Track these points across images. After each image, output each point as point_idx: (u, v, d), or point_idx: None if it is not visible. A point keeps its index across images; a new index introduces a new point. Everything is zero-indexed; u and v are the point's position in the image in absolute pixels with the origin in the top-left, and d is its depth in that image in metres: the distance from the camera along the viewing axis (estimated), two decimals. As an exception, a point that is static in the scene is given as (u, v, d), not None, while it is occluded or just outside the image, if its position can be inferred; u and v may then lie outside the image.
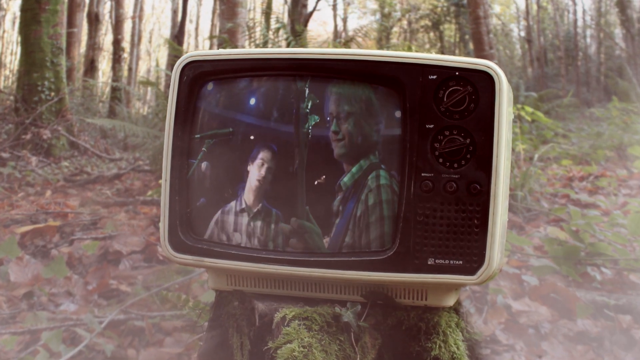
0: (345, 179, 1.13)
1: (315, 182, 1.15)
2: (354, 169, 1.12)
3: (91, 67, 15.05)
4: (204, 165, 1.20)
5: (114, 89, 12.95)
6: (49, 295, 2.92)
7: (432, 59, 1.12)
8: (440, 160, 1.11)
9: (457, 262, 1.10)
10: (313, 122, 1.16)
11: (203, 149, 1.20)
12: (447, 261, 1.10)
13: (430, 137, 1.11)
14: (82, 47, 16.55)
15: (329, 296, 1.21)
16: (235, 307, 1.23)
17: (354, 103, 1.14)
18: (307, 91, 1.16)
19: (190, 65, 1.22)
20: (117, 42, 15.95)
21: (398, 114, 1.11)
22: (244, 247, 1.18)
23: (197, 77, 1.21)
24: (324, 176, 1.15)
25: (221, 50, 1.21)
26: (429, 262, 1.11)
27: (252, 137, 1.18)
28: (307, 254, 1.16)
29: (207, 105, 1.21)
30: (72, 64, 13.15)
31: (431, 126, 1.11)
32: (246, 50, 1.21)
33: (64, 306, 2.85)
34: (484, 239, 1.10)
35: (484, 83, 1.11)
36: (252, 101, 1.19)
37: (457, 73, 1.11)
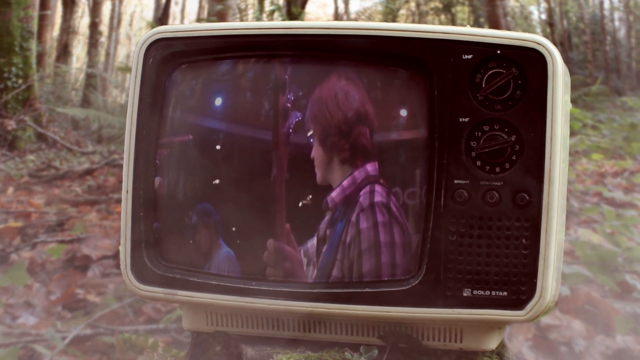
0: (334, 194, 1.06)
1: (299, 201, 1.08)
2: (344, 182, 1.06)
3: (64, 52, 15.23)
4: (175, 172, 1.12)
5: (89, 76, 13.17)
6: (5, 306, 2.92)
7: (466, 34, 1.04)
8: (478, 163, 1.03)
9: (501, 293, 1.02)
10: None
11: (174, 152, 1.12)
12: (487, 292, 1.03)
13: (465, 133, 1.03)
14: (55, 31, 16.73)
15: (337, 338, 1.12)
16: (217, 352, 1.14)
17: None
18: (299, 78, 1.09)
19: (158, 44, 1.11)
20: (94, 25, 16.12)
21: (404, 112, 1.05)
22: (228, 276, 1.09)
23: (167, 59, 1.11)
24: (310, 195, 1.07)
25: (197, 25, 1.13)
26: (465, 294, 1.03)
27: (236, 134, 1.11)
28: (309, 284, 1.07)
29: (180, 95, 1.12)
30: (44, 48, 13.34)
31: (466, 120, 1.03)
32: (229, 24, 1.11)
33: (22, 319, 2.86)
34: (535, 263, 1.01)
35: (533, 64, 1.02)
36: (235, 91, 1.11)
37: (498, 52, 1.02)
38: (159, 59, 1.11)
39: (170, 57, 1.11)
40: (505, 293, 1.02)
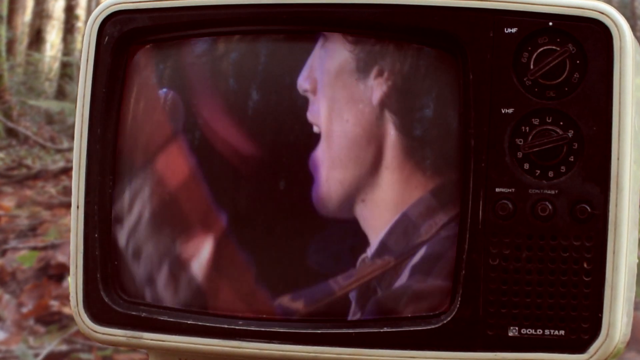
0: None
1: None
2: None
3: (37, 38, 15.48)
4: (139, 182, 1.07)
5: (65, 65, 13.45)
6: (-29, 320, 3.17)
7: (508, 1, 0.97)
8: (526, 166, 0.96)
9: (556, 332, 0.96)
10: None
11: (137, 156, 1.07)
12: (539, 331, 0.96)
13: (509, 128, 0.96)
14: (27, 15, 16.97)
15: (348, 390, 1.08)
16: (195, 412, 1.08)
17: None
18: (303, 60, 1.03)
19: (115, 18, 1.05)
20: (69, 9, 16.36)
21: (430, 102, 0.99)
22: (208, 313, 1.04)
23: (127, 37, 1.05)
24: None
25: (165, -6, 1.08)
26: (510, 334, 0.96)
27: (218, 134, 1.05)
28: (311, 323, 1.01)
29: (144, 83, 1.07)
30: (14, 34, 13.62)
31: (510, 111, 0.96)
32: (206, -9, 1.08)
33: (-10, 334, 3.10)
34: (600, 293, 0.95)
35: (595, 39, 0.95)
36: (214, 77, 1.05)
37: (550, 23, 0.95)
38: (117, 38, 1.05)
39: (131, 34, 1.05)
40: (562, 332, 0.96)
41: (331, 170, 1.02)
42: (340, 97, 1.00)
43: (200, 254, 1.04)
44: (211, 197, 1.04)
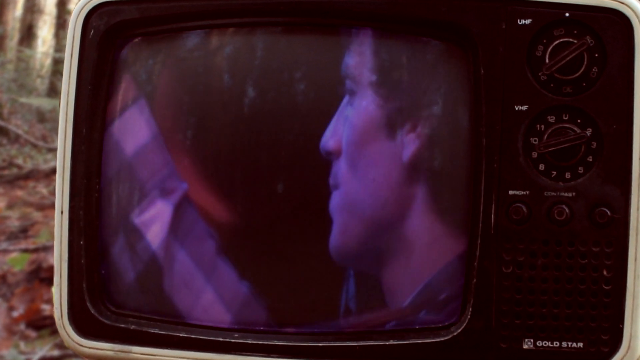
0: None
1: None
2: None
3: (28, 34, 15.54)
4: (128, 184, 1.04)
5: (57, 61, 13.49)
6: (-40, 325, 3.18)
7: None
8: (542, 166, 0.96)
9: (574, 344, 0.95)
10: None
11: (126, 157, 1.05)
12: (556, 343, 0.96)
13: (523, 127, 0.96)
14: (18, 10, 17.05)
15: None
16: None
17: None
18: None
19: (102, 10, 1.04)
20: (61, 4, 16.43)
21: (438, 99, 0.99)
22: (201, 326, 1.02)
23: (114, 30, 1.04)
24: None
25: (155, -16, 1.06)
26: (525, 346, 0.96)
27: (210, 134, 1.03)
28: (313, 336, 1.00)
29: (132, 79, 1.06)
30: (5, 30, 13.64)
31: (524, 108, 0.96)
32: (199, -18, 1.06)
33: (-21, 339, 3.13)
34: (620, 303, 0.95)
35: (614, 31, 0.95)
36: (207, 72, 1.04)
37: (567, 14, 0.95)
38: (103, 31, 1.04)
39: (118, 27, 1.05)
40: (580, 344, 0.95)
41: (353, 229, 1.01)
42: (366, 156, 0.99)
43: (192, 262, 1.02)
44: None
